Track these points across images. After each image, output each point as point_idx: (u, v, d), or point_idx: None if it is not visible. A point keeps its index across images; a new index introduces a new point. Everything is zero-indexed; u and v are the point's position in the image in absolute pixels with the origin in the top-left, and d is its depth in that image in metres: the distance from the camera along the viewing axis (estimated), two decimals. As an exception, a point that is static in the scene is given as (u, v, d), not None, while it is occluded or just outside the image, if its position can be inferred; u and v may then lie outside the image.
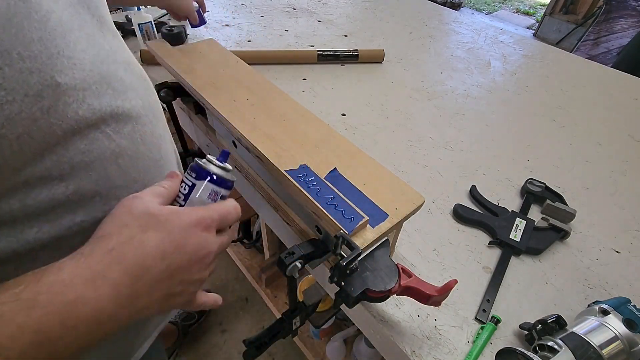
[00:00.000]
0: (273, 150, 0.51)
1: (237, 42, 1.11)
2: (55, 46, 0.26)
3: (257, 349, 0.52)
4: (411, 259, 0.57)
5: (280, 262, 0.42)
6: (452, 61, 1.15)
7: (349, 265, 0.40)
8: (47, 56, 0.26)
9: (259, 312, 1.45)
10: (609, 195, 0.73)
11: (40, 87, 0.25)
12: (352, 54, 1.05)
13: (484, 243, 0.61)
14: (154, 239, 0.29)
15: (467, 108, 0.94)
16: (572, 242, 0.63)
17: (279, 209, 0.57)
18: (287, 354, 1.34)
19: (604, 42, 2.84)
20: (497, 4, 5.08)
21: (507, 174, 0.75)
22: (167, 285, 0.29)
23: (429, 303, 0.45)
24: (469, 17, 1.50)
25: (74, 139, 0.30)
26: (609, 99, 1.04)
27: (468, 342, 0.48)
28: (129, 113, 0.35)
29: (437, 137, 0.82)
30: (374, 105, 0.90)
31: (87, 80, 0.30)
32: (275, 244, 1.27)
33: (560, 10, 3.81)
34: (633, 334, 0.42)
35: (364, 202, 0.47)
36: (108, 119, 0.32)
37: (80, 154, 0.30)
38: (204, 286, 0.35)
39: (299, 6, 1.40)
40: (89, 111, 0.30)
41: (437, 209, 0.66)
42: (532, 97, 1.01)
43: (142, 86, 0.40)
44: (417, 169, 0.74)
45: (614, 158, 0.82)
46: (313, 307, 0.58)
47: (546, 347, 0.43)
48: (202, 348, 1.35)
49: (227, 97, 0.60)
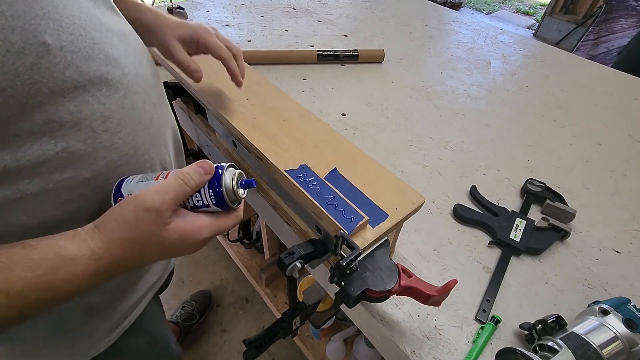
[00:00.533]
0: (273, 150, 0.51)
1: (237, 42, 1.10)
2: (41, 7, 0.28)
3: (257, 349, 0.52)
4: (411, 259, 0.57)
5: (280, 262, 0.42)
6: (452, 61, 1.15)
7: (349, 265, 0.40)
8: (31, 16, 0.27)
9: (259, 312, 1.45)
10: (609, 195, 0.73)
11: (22, 44, 0.27)
12: (352, 54, 1.05)
13: (484, 243, 0.61)
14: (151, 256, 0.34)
15: (467, 108, 0.94)
16: (572, 242, 0.63)
17: (279, 209, 0.57)
18: (287, 354, 1.34)
19: (604, 42, 2.84)
20: (497, 4, 5.08)
21: (507, 174, 0.75)
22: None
23: (429, 303, 0.45)
24: (469, 17, 1.50)
25: (63, 100, 0.31)
26: (609, 99, 1.04)
27: (468, 342, 0.48)
28: (120, 80, 0.36)
29: (437, 137, 0.82)
30: (374, 105, 0.90)
31: (77, 44, 0.31)
32: (275, 244, 1.27)
33: (560, 10, 3.81)
34: (633, 334, 0.42)
35: (364, 202, 0.47)
36: (98, 83, 0.34)
37: (69, 114, 0.32)
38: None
39: (299, 6, 1.40)
40: (77, 73, 0.31)
41: (437, 209, 0.66)
42: (532, 97, 1.01)
43: (138, 57, 0.41)
44: (417, 169, 0.74)
45: (614, 158, 0.82)
46: (313, 307, 0.58)
47: (546, 347, 0.43)
48: (202, 348, 1.35)
49: (227, 97, 0.60)
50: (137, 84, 0.39)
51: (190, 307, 1.37)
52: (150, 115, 0.42)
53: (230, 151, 0.67)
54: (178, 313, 1.35)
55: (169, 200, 0.32)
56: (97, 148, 0.35)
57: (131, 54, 0.39)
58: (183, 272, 1.57)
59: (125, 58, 0.38)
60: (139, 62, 0.41)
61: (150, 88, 0.43)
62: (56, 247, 0.30)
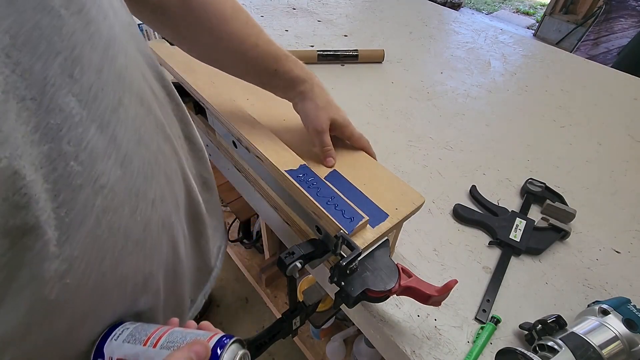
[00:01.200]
0: (273, 150, 0.51)
1: (237, 42, 1.11)
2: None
3: (257, 349, 0.52)
4: (411, 259, 0.57)
5: (280, 262, 0.42)
6: (452, 61, 1.15)
7: (349, 265, 0.40)
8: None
9: (259, 312, 1.45)
10: (609, 195, 0.73)
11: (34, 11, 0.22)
12: (352, 54, 1.05)
13: (484, 243, 0.61)
14: None
15: (467, 108, 0.94)
16: (572, 242, 0.63)
17: (279, 209, 0.57)
18: (287, 354, 1.34)
19: (604, 42, 2.84)
20: (497, 4, 5.08)
21: (507, 174, 0.75)
22: None
23: (429, 303, 0.45)
24: (469, 17, 1.50)
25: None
26: (609, 99, 1.04)
27: (468, 342, 0.48)
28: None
29: (437, 137, 0.82)
30: (374, 105, 0.90)
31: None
32: (275, 244, 1.27)
33: (560, 10, 3.81)
34: (633, 334, 0.42)
35: (364, 202, 0.47)
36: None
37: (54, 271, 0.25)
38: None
39: (299, 6, 1.40)
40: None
41: (437, 209, 0.66)
42: (532, 97, 1.01)
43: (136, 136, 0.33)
44: (417, 169, 0.74)
45: (614, 158, 0.82)
46: (313, 307, 0.58)
47: (546, 347, 0.43)
48: (202, 348, 1.35)
49: (227, 97, 0.60)
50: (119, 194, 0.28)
51: None
52: (146, 221, 0.32)
53: (230, 151, 0.67)
54: None
55: None
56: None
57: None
58: (183, 272, 1.58)
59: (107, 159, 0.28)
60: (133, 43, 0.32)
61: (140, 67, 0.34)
62: None
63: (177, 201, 0.39)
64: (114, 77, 0.28)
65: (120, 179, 0.28)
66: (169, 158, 0.37)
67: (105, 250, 0.28)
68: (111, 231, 0.28)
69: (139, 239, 0.31)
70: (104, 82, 0.27)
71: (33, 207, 0.22)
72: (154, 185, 0.32)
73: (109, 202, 0.27)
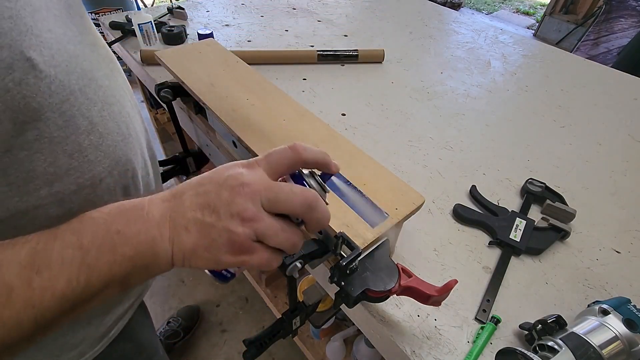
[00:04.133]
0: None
1: (237, 42, 1.11)
2: (25, 24, 0.28)
3: (257, 349, 0.52)
4: (411, 259, 0.57)
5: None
6: (452, 61, 1.15)
7: (349, 265, 0.40)
8: (17, 33, 0.27)
9: (259, 312, 1.46)
10: (609, 195, 0.73)
11: (11, 60, 0.27)
12: (352, 54, 1.05)
13: (484, 243, 0.61)
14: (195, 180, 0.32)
15: (467, 108, 0.94)
16: (572, 242, 0.63)
17: (279, 209, 0.57)
18: (287, 354, 1.34)
19: (604, 42, 2.85)
20: (497, 4, 5.08)
21: (507, 174, 0.75)
22: (198, 207, 0.30)
23: (429, 303, 0.45)
24: (469, 17, 1.50)
25: (52, 115, 0.31)
26: (609, 99, 1.04)
27: (468, 342, 0.48)
28: (96, 91, 0.36)
29: (437, 137, 0.82)
30: (374, 105, 0.90)
31: (56, 58, 0.31)
32: (275, 244, 1.27)
33: (560, 10, 3.81)
34: (633, 334, 0.42)
35: (364, 202, 0.47)
36: (79, 96, 0.34)
37: (58, 129, 0.32)
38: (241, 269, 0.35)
39: (299, 6, 1.41)
40: (60, 87, 0.31)
41: (437, 209, 0.66)
42: (532, 97, 1.02)
43: (108, 67, 0.41)
44: (417, 169, 0.74)
45: (614, 158, 0.82)
46: (313, 307, 0.58)
47: (546, 347, 0.43)
48: (202, 348, 1.35)
49: (227, 97, 0.60)
50: (110, 94, 0.39)
51: (175, 323, 1.32)
52: (127, 124, 0.42)
53: (230, 151, 0.67)
54: (162, 329, 1.31)
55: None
56: (83, 162, 0.35)
57: (103, 64, 0.39)
58: (183, 272, 1.57)
59: (98, 70, 0.38)
60: (110, 71, 0.41)
61: (123, 97, 0.43)
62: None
63: (142, 132, 0.48)
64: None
65: (108, 88, 0.38)
66: (135, 104, 0.46)
67: (107, 130, 0.37)
68: (110, 117, 0.38)
69: (125, 135, 0.41)
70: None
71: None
72: (129, 104, 0.43)
73: (105, 95, 0.37)
